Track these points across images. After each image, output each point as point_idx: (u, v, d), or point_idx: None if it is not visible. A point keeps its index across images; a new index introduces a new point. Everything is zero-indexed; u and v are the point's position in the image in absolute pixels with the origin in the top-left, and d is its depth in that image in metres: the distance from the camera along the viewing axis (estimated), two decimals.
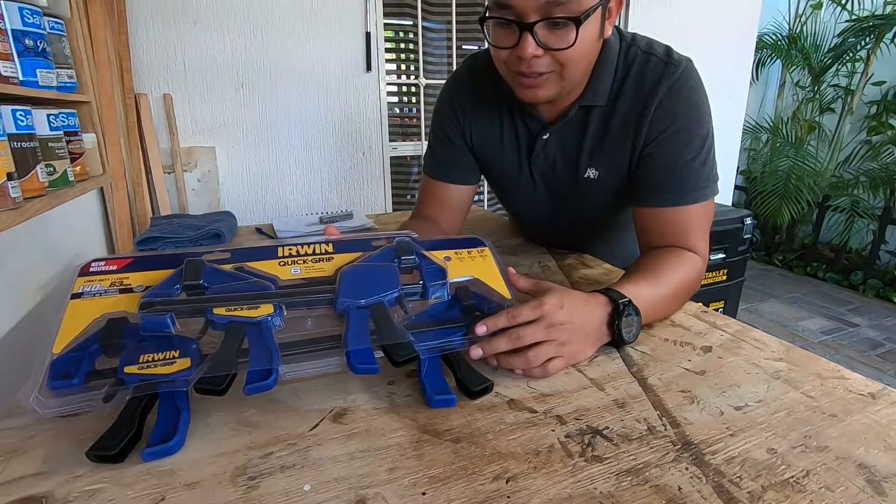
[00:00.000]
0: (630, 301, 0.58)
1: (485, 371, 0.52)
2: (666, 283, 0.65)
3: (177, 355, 0.46)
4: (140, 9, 1.65)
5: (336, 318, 0.52)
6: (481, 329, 0.53)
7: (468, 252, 0.63)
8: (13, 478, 0.39)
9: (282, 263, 0.57)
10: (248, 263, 0.56)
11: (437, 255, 0.61)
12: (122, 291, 0.52)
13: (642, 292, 0.61)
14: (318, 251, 0.60)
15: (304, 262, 0.58)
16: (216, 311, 0.49)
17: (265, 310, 0.50)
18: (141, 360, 0.45)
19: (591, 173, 0.79)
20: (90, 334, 0.48)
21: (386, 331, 0.50)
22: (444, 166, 0.89)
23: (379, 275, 0.55)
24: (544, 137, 0.79)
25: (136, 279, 0.54)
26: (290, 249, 0.59)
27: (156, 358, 0.45)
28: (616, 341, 0.58)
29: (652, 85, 0.70)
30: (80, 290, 0.51)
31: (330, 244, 0.61)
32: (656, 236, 0.73)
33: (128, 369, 0.44)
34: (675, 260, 0.68)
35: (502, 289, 0.60)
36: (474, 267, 0.62)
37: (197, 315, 0.49)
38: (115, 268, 0.54)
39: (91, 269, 0.54)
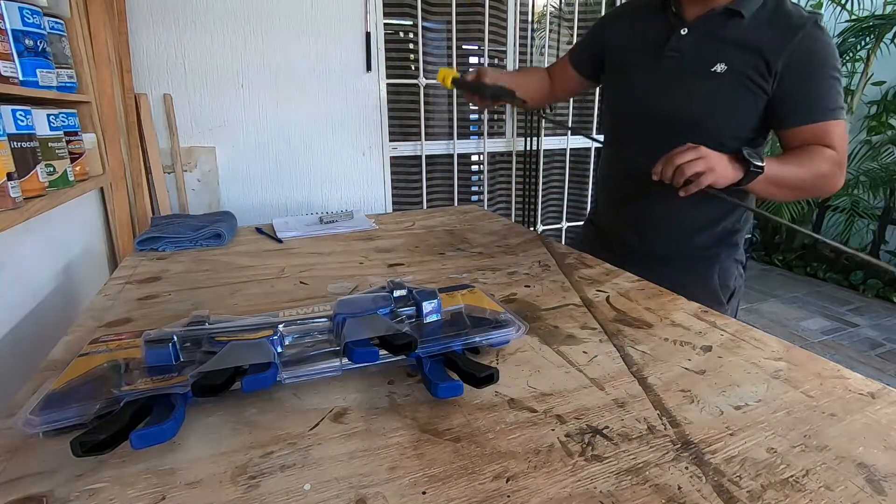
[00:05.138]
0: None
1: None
2: (799, 162, 0.82)
3: (174, 375, 0.48)
4: (140, 9, 1.65)
5: (335, 339, 0.55)
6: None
7: (460, 293, 0.68)
8: (13, 477, 0.39)
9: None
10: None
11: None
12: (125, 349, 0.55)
13: (773, 163, 0.80)
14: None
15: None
16: (217, 338, 0.52)
17: (264, 333, 0.53)
18: (138, 381, 0.47)
19: (720, 68, 0.90)
20: (90, 377, 0.49)
21: (381, 326, 0.52)
22: (574, 49, 1.13)
23: (373, 298, 0.60)
24: (682, 32, 0.92)
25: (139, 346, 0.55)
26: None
27: (154, 379, 0.47)
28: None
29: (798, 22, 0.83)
30: (86, 351, 0.54)
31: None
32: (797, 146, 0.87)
33: (124, 389, 0.45)
34: (812, 150, 0.83)
35: (493, 307, 0.64)
36: (463, 300, 0.66)
37: (198, 346, 0.52)
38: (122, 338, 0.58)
39: (100, 339, 0.57)
